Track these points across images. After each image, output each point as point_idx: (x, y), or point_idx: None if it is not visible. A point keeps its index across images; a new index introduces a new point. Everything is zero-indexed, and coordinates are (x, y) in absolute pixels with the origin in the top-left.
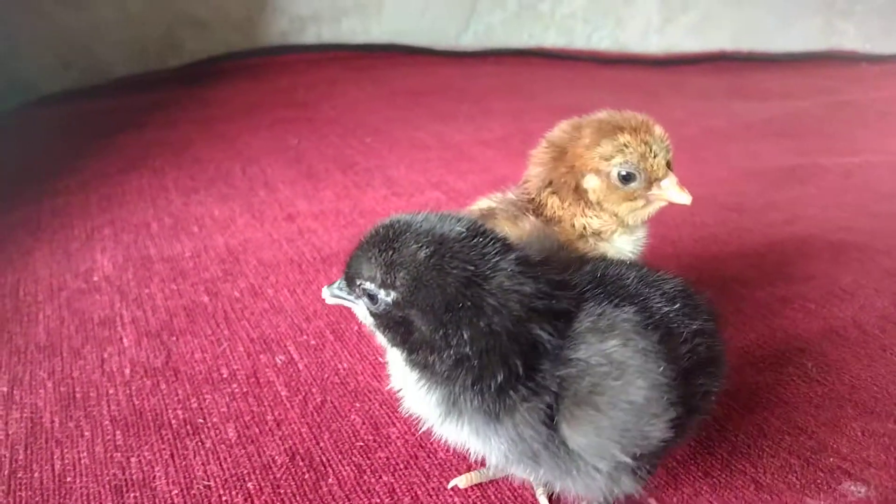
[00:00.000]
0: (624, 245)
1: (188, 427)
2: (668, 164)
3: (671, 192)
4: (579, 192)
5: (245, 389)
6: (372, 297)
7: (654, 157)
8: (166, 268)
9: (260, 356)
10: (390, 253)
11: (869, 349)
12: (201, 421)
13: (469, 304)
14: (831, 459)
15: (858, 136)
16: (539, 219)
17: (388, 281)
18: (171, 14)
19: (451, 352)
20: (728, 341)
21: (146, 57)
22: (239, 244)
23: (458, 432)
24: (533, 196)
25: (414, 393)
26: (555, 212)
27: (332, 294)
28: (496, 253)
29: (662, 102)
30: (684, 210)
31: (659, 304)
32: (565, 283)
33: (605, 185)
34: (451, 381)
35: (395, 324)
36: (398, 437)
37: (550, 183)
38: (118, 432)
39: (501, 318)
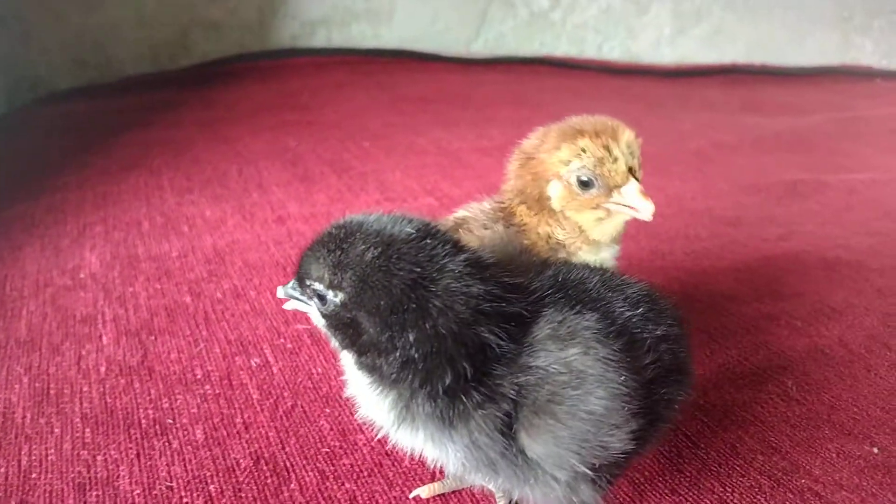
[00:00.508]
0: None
1: (157, 427)
2: (633, 171)
3: (631, 198)
4: (542, 201)
5: (217, 391)
6: (321, 298)
7: (614, 161)
8: (152, 267)
9: (235, 358)
10: (338, 254)
11: (853, 369)
12: (170, 421)
13: (414, 306)
14: (803, 481)
15: (867, 153)
16: (510, 228)
17: (336, 282)
18: (186, 15)
19: (398, 354)
20: (708, 356)
21: (159, 57)
22: (227, 245)
23: (412, 438)
24: (506, 205)
25: (368, 398)
26: (523, 220)
27: (286, 293)
28: (445, 255)
29: (671, 114)
30: (679, 223)
31: (622, 309)
32: (519, 287)
33: (566, 192)
34: (400, 384)
35: (343, 325)
36: (365, 444)
37: (520, 191)
38: (87, 430)
39: (446, 320)
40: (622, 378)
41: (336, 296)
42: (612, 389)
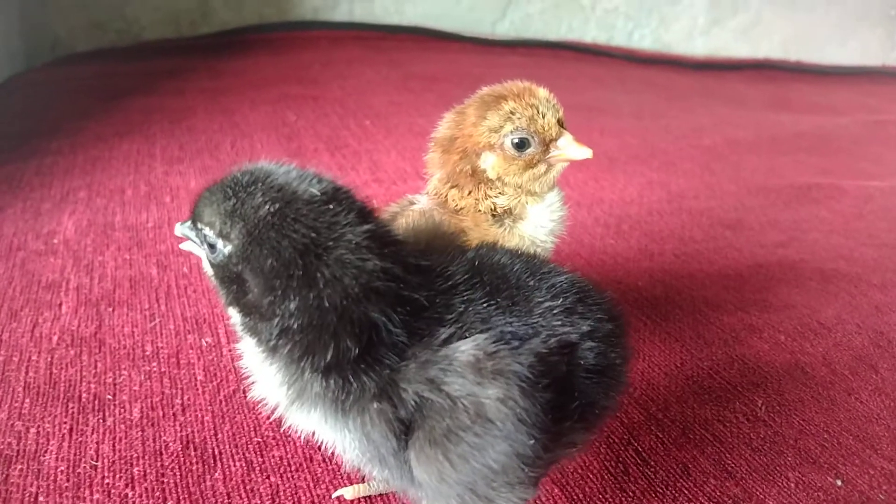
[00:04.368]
0: (541, 217)
1: (95, 402)
2: (560, 123)
3: (569, 149)
4: (477, 175)
5: (163, 369)
6: (211, 246)
7: (543, 117)
8: (126, 236)
9: (188, 336)
10: (233, 202)
11: (833, 391)
12: (110, 397)
13: (300, 273)
14: None
15: (890, 160)
16: (446, 211)
17: (225, 231)
18: None
19: (276, 322)
20: (677, 368)
21: (179, 24)
22: None
23: (307, 420)
24: (438, 194)
25: (259, 370)
26: (457, 203)
27: (182, 232)
28: (347, 223)
29: (691, 108)
30: (675, 223)
31: (541, 300)
32: (424, 269)
33: (501, 159)
34: (277, 352)
35: (228, 280)
36: (298, 437)
37: (448, 177)
38: (27, 400)
39: (333, 292)
40: (532, 442)
41: (225, 246)
42: (516, 449)
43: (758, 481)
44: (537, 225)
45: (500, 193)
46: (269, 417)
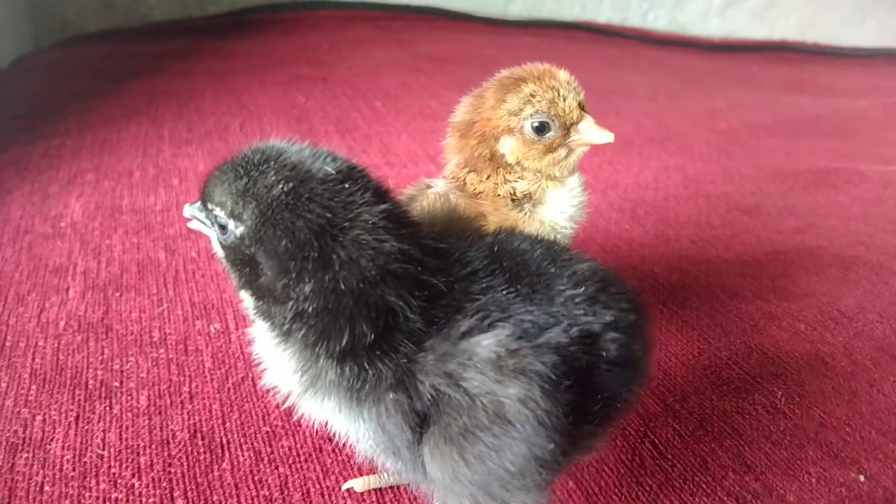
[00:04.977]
0: (561, 202)
1: (102, 389)
2: (581, 106)
3: (590, 133)
4: (496, 159)
5: (171, 356)
6: (222, 227)
7: (564, 100)
8: (133, 220)
9: (196, 322)
10: (245, 181)
11: (854, 383)
12: (117, 384)
13: (316, 255)
14: None
15: None
16: (465, 194)
17: (237, 212)
18: None
19: (290, 305)
20: (695, 357)
21: (188, 4)
22: None
23: (320, 408)
24: (457, 177)
25: (272, 356)
26: (475, 188)
27: (191, 213)
28: (363, 203)
29: (707, 90)
30: (692, 208)
31: (563, 288)
32: (442, 252)
33: (520, 143)
34: (292, 336)
35: (241, 262)
36: (308, 427)
37: (466, 161)
38: (34, 387)
39: (349, 274)
40: (552, 446)
41: (237, 227)
42: (535, 452)
43: (778, 476)
44: (557, 210)
45: (519, 178)
46: (279, 406)
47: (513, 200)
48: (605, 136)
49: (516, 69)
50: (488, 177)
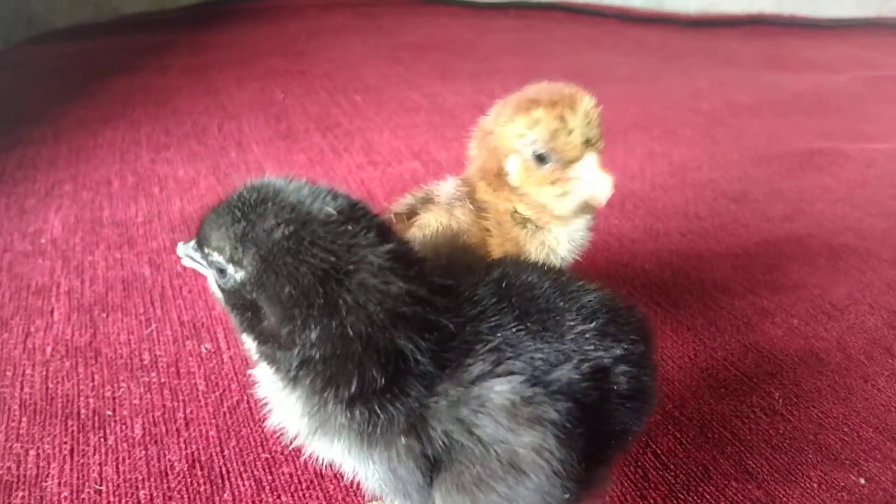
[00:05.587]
0: (559, 237)
1: (95, 419)
2: (591, 142)
3: (587, 175)
4: (502, 177)
5: (163, 380)
6: (220, 271)
7: (569, 133)
8: (115, 233)
9: (186, 342)
10: (244, 224)
11: (849, 379)
12: (110, 413)
13: (322, 301)
14: None
15: (891, 119)
16: (472, 204)
17: (237, 257)
18: None
19: (296, 352)
20: (691, 360)
21: None
22: (195, 211)
23: (329, 449)
24: (468, 183)
25: (279, 400)
26: (483, 197)
27: (185, 253)
28: (367, 244)
29: (687, 69)
30: (679, 198)
31: (573, 323)
32: (450, 290)
33: (523, 167)
34: (299, 383)
35: (242, 306)
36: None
37: (480, 168)
38: (24, 419)
39: (357, 320)
40: (567, 496)
41: (236, 272)
42: (548, 502)
43: (780, 482)
44: (559, 239)
45: (520, 202)
46: (277, 434)
47: (514, 219)
48: (601, 182)
49: (544, 87)
50: (494, 190)
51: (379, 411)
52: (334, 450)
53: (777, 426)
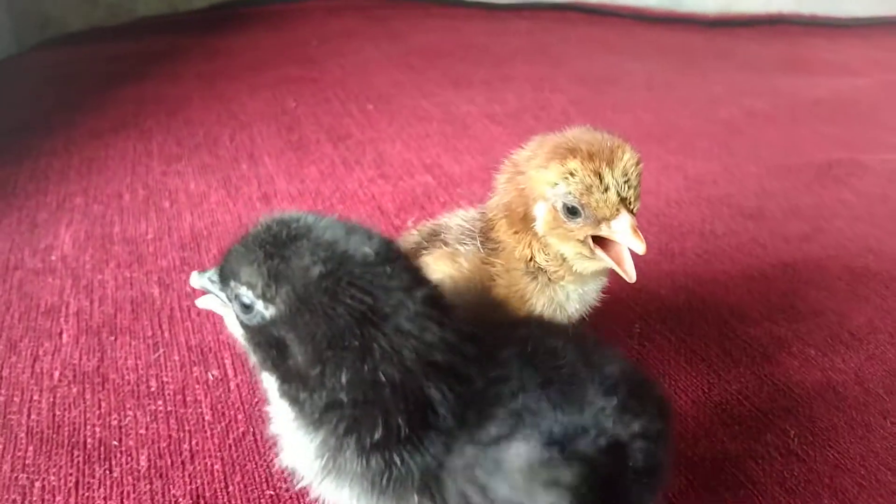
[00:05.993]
0: (570, 295)
1: (101, 449)
2: (626, 202)
3: (620, 235)
4: (527, 221)
5: (169, 408)
6: (246, 307)
7: (605, 191)
8: (125, 250)
9: (193, 369)
10: (277, 261)
11: (867, 415)
12: (115, 443)
13: (357, 343)
14: None
15: None
16: (484, 244)
17: (269, 294)
18: None
19: (324, 394)
20: (705, 394)
21: None
22: (205, 227)
23: (337, 494)
24: (488, 217)
25: (293, 439)
26: (501, 237)
27: (202, 285)
28: (403, 287)
29: (704, 73)
30: (695, 214)
31: (593, 396)
32: (477, 339)
33: (551, 217)
34: (322, 426)
35: (268, 344)
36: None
37: (506, 206)
38: (31, 448)
39: (389, 366)
40: None
41: (266, 308)
42: None
43: None
44: (569, 297)
45: (542, 250)
46: (283, 472)
47: (527, 266)
48: (634, 245)
49: (583, 133)
50: (516, 232)
51: (397, 463)
52: (342, 495)
53: (792, 467)
